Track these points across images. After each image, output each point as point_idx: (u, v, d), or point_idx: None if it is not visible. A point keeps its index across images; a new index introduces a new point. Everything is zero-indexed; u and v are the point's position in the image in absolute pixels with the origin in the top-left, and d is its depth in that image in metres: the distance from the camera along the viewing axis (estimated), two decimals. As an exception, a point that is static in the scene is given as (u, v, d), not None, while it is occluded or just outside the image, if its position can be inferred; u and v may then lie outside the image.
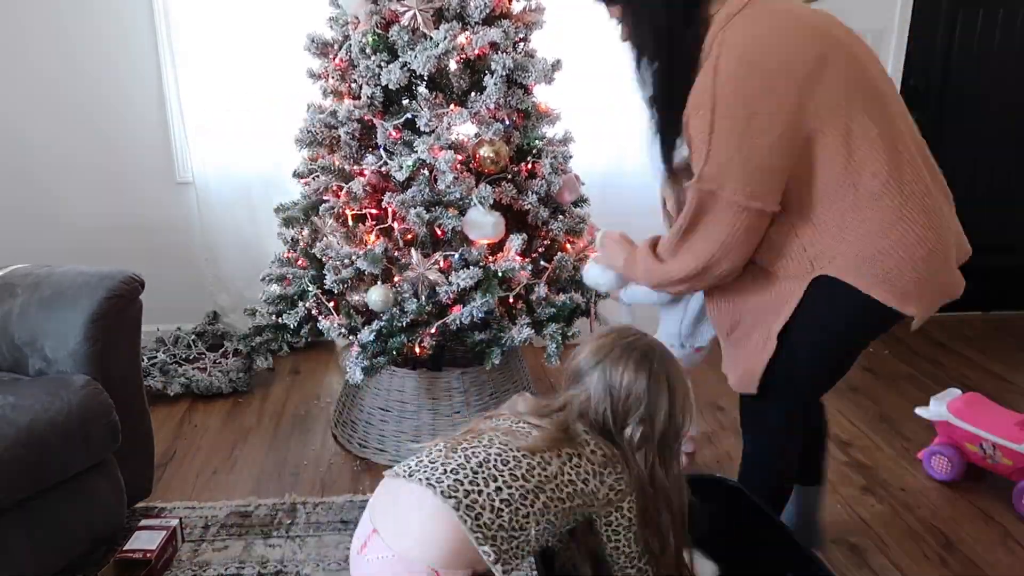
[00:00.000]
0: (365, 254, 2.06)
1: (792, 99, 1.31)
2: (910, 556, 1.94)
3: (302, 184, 2.34)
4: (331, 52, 2.26)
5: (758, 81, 1.30)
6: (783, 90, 1.31)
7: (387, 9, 2.09)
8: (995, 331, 3.41)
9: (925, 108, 3.30)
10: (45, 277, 1.89)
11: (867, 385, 2.89)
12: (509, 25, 2.15)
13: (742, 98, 1.31)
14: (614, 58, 2.93)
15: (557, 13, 2.38)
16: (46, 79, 2.92)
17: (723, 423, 2.61)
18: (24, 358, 1.84)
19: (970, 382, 2.88)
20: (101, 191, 3.06)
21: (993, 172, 3.43)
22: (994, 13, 3.23)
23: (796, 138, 1.33)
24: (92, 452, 1.73)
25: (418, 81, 2.15)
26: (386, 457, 2.34)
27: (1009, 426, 2.10)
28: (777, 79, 1.31)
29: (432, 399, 2.32)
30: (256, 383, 2.91)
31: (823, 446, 1.84)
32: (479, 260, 2.10)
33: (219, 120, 2.95)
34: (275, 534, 2.00)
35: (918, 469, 2.32)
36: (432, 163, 2.05)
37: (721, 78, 1.31)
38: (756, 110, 1.30)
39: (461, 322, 2.07)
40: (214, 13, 2.86)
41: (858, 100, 1.34)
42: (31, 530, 1.62)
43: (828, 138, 1.34)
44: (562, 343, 2.19)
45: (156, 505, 2.11)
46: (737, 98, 1.31)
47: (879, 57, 1.53)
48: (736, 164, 1.33)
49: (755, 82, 1.30)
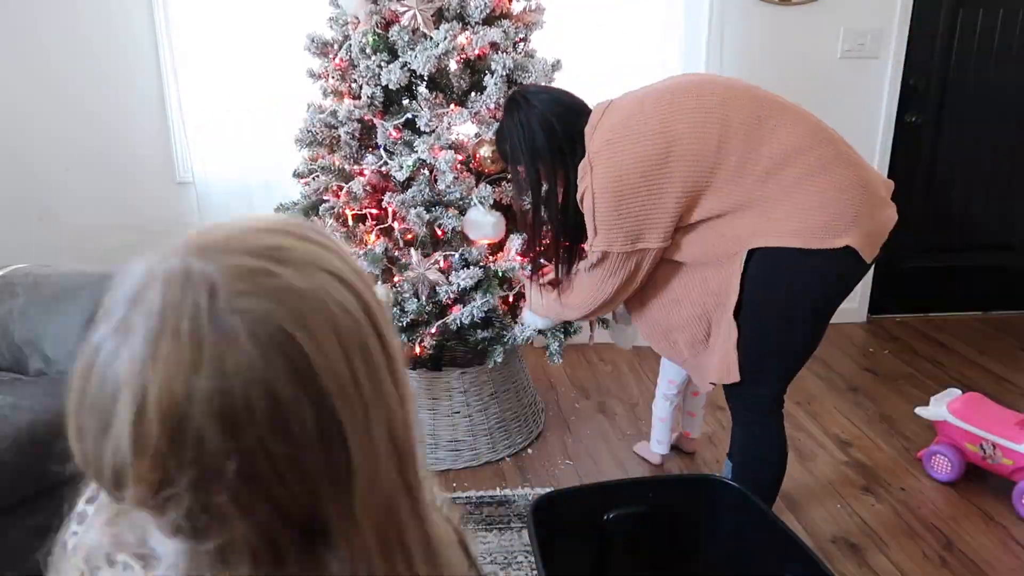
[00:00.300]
0: (365, 254, 2.06)
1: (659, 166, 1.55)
2: (910, 556, 1.94)
3: (302, 184, 2.34)
4: (331, 52, 2.26)
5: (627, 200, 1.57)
6: (649, 191, 1.56)
7: (387, 9, 2.09)
8: (995, 331, 3.41)
9: (925, 108, 3.31)
10: (45, 277, 1.89)
11: (867, 385, 2.89)
12: (509, 25, 2.15)
13: (615, 210, 1.58)
14: (614, 58, 2.96)
15: (557, 13, 2.38)
16: (46, 79, 2.91)
17: (724, 423, 2.61)
18: (24, 358, 1.84)
19: (970, 382, 2.88)
20: (101, 191, 3.05)
21: (993, 172, 3.43)
22: (994, 13, 3.23)
23: (680, 206, 1.58)
24: (92, 452, 1.72)
25: (418, 81, 2.15)
26: (386, 457, 2.34)
27: (1009, 426, 2.10)
28: (640, 191, 1.55)
29: (432, 399, 2.32)
30: (256, 383, 2.90)
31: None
32: (479, 260, 2.10)
33: (219, 120, 2.95)
34: (275, 534, 1.99)
35: (918, 469, 2.32)
36: (432, 163, 2.05)
37: (596, 197, 1.59)
38: (628, 212, 1.58)
39: (461, 322, 2.07)
40: (214, 13, 2.86)
41: (729, 137, 1.53)
42: (31, 530, 1.62)
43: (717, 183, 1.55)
44: (563, 342, 2.19)
45: (156, 505, 2.10)
46: (611, 210, 1.58)
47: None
48: (620, 230, 1.59)
49: (624, 201, 1.57)
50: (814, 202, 1.49)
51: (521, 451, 2.42)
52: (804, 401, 2.77)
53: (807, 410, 2.69)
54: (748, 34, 3.09)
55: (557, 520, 1.42)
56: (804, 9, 3.10)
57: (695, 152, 1.52)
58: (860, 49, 3.15)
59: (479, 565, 0.70)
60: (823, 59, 3.16)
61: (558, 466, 2.35)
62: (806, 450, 2.43)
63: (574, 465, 2.36)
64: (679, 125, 1.53)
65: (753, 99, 1.56)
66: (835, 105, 3.22)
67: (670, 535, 1.51)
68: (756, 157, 1.51)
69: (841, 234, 1.49)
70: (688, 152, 1.52)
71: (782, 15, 3.11)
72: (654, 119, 1.55)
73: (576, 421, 2.63)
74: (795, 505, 2.14)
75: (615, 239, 1.60)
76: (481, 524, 2.03)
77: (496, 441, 2.38)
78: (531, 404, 2.55)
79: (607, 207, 1.57)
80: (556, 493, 1.57)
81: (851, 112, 3.23)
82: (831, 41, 3.15)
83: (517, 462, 2.37)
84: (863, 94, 3.22)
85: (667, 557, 1.53)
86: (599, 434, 2.54)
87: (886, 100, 3.23)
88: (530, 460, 2.38)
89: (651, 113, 1.56)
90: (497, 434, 2.39)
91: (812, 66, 3.17)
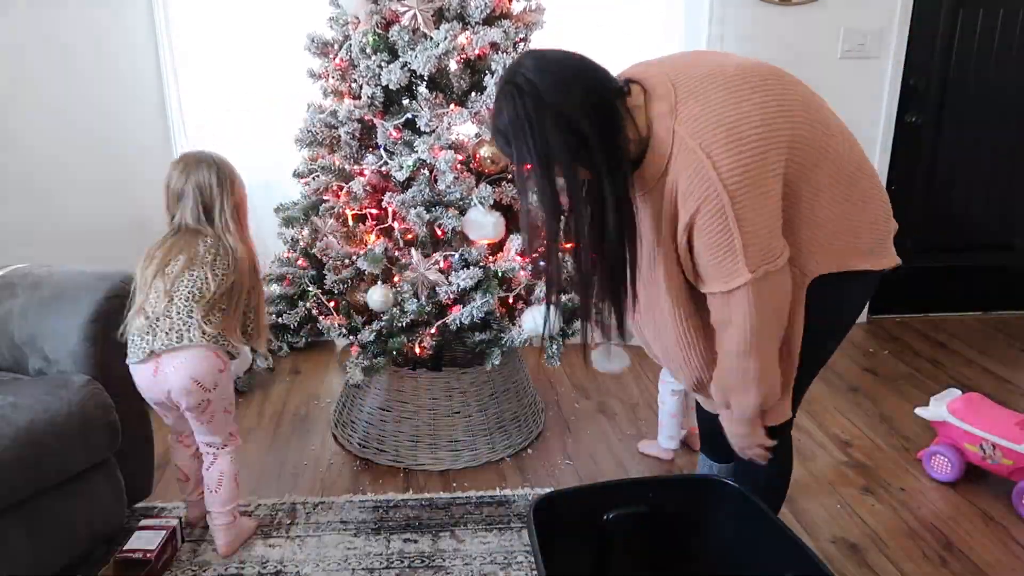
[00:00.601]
0: (365, 254, 2.06)
1: (780, 159, 1.24)
2: (910, 556, 1.94)
3: (302, 184, 2.34)
4: (331, 52, 2.26)
5: (753, 156, 1.21)
6: (773, 156, 1.23)
7: (387, 9, 2.09)
8: (995, 331, 3.41)
9: (925, 108, 3.30)
10: (45, 277, 1.89)
11: (867, 385, 2.89)
12: (509, 25, 2.15)
13: (750, 178, 1.21)
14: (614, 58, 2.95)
15: (557, 13, 2.38)
16: (46, 79, 2.91)
17: (723, 423, 2.61)
18: (24, 358, 1.84)
19: (970, 382, 2.88)
20: (101, 191, 3.05)
21: (993, 172, 3.43)
22: (994, 13, 3.23)
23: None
24: (92, 452, 1.73)
25: (418, 81, 2.15)
26: (386, 457, 2.34)
27: (1009, 426, 2.10)
28: (762, 147, 1.22)
29: (432, 399, 2.32)
30: (256, 383, 2.91)
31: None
32: (479, 260, 2.10)
33: (219, 120, 2.96)
34: (275, 534, 2.00)
35: (918, 469, 2.32)
36: (432, 163, 2.05)
37: (721, 168, 1.20)
38: (764, 184, 1.23)
39: (461, 322, 2.07)
40: (214, 13, 2.86)
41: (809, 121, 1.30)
42: (31, 530, 1.62)
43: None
44: (562, 343, 2.19)
45: (156, 505, 2.11)
46: (746, 179, 1.20)
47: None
48: (771, 234, 1.25)
49: (752, 158, 1.21)
50: (868, 219, 1.37)
51: (521, 451, 2.42)
52: (804, 401, 2.75)
53: (807, 410, 2.69)
54: (748, 34, 3.09)
55: (557, 520, 1.42)
56: (804, 9, 3.11)
57: (801, 153, 1.27)
58: (860, 49, 3.15)
59: None
60: (823, 59, 3.16)
61: (558, 466, 2.35)
62: (806, 450, 2.43)
63: (574, 465, 2.36)
64: (788, 119, 1.25)
65: (814, 103, 1.37)
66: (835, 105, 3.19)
67: (670, 535, 1.51)
68: (819, 170, 1.30)
69: (887, 251, 1.40)
70: (799, 151, 1.26)
71: (782, 15, 3.11)
72: (770, 106, 1.23)
73: (576, 421, 2.63)
74: (795, 505, 2.14)
75: (758, 255, 1.23)
76: (481, 524, 2.03)
77: (496, 441, 2.38)
78: (531, 404, 2.55)
79: (751, 209, 1.20)
80: (556, 493, 1.56)
81: (851, 112, 3.19)
82: (831, 41, 3.15)
83: (517, 462, 2.37)
84: (863, 94, 3.22)
85: (667, 557, 1.53)
86: (599, 434, 2.54)
87: (886, 100, 3.24)
88: (530, 460, 2.38)
89: (761, 99, 1.24)
90: (497, 434, 2.39)
91: (812, 66, 3.15)
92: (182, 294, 1.71)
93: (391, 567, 1.87)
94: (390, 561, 1.89)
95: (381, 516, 2.07)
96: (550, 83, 1.22)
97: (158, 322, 1.70)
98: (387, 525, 2.03)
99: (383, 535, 1.99)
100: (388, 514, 2.08)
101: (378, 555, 1.91)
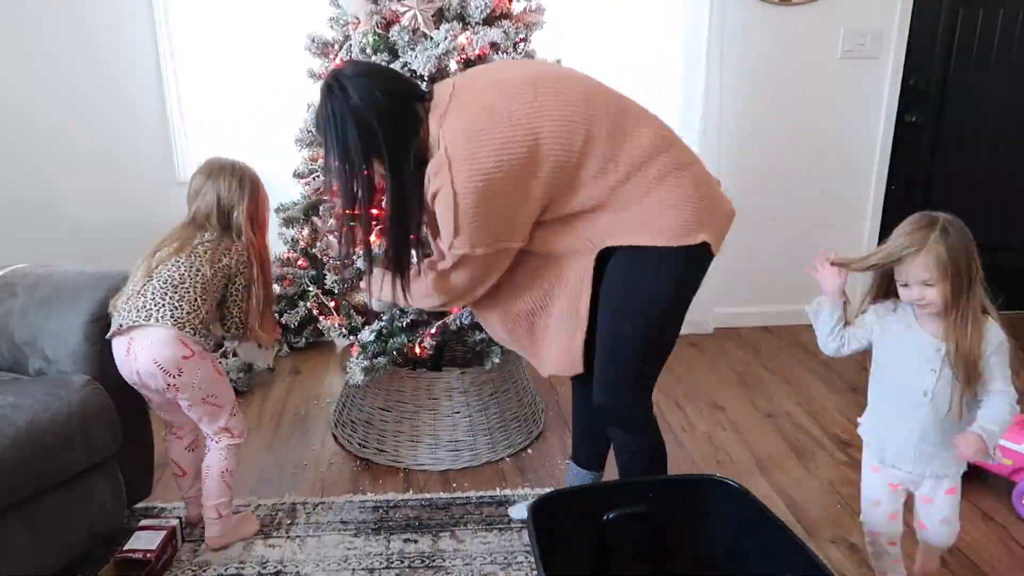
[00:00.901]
0: (365, 254, 2.06)
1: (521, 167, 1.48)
2: (910, 556, 1.94)
3: (302, 184, 2.35)
4: (331, 52, 2.26)
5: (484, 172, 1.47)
6: (509, 168, 1.47)
7: (387, 9, 2.09)
8: (995, 331, 3.40)
9: (925, 108, 3.31)
10: (45, 277, 1.89)
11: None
12: (509, 25, 2.15)
13: (475, 188, 1.47)
14: (614, 58, 2.95)
15: (557, 13, 2.38)
16: (45, 79, 2.92)
17: (723, 423, 2.61)
18: (24, 358, 1.84)
19: (970, 382, 2.87)
20: (101, 191, 3.06)
21: (993, 172, 3.43)
22: (994, 13, 3.23)
23: (543, 205, 1.54)
24: (92, 452, 1.73)
25: (419, 81, 2.15)
26: (386, 457, 2.34)
27: (1009, 426, 2.09)
28: (494, 163, 1.47)
29: (432, 399, 2.32)
30: (256, 383, 2.91)
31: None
32: (479, 260, 2.10)
33: (219, 120, 2.96)
34: (275, 534, 2.00)
35: (918, 469, 2.31)
36: (432, 163, 2.05)
37: (456, 174, 1.47)
38: (493, 213, 1.50)
39: (461, 322, 2.07)
40: (214, 12, 2.87)
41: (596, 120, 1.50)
42: (31, 530, 1.62)
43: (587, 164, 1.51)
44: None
45: (156, 505, 2.11)
46: (470, 187, 1.47)
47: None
48: (483, 231, 1.52)
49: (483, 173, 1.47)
50: (672, 200, 1.52)
51: (521, 451, 2.42)
52: (804, 401, 2.77)
53: (807, 410, 2.69)
54: (748, 34, 3.09)
55: (557, 520, 1.42)
56: (804, 9, 3.11)
57: (561, 153, 1.49)
58: (860, 49, 3.16)
59: None
60: (823, 59, 3.16)
61: (558, 466, 2.35)
62: (806, 450, 2.43)
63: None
64: (545, 123, 1.48)
65: (609, 98, 1.56)
66: (835, 105, 3.23)
67: (670, 535, 1.51)
68: (618, 157, 1.51)
69: (698, 230, 1.53)
70: (554, 152, 1.48)
71: (782, 15, 3.11)
72: (519, 114, 1.47)
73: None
74: (795, 505, 2.14)
75: (479, 240, 1.53)
76: (481, 524, 2.03)
77: (496, 441, 2.38)
78: (531, 404, 2.55)
79: (472, 207, 1.48)
80: (556, 493, 1.57)
81: (851, 112, 3.24)
82: (831, 41, 3.15)
83: (517, 462, 2.37)
84: (863, 94, 3.22)
85: (667, 557, 1.53)
86: (599, 434, 2.54)
87: (886, 100, 3.24)
88: (530, 460, 2.38)
89: (515, 108, 1.48)
90: (497, 434, 2.39)
91: (812, 66, 3.17)
92: (162, 277, 1.73)
93: (391, 567, 1.87)
94: (390, 561, 1.89)
95: (381, 516, 2.07)
96: (356, 86, 1.48)
97: (131, 299, 1.73)
98: (387, 525, 2.03)
99: (383, 535, 1.99)
100: (388, 514, 2.08)
101: (378, 555, 1.91)
